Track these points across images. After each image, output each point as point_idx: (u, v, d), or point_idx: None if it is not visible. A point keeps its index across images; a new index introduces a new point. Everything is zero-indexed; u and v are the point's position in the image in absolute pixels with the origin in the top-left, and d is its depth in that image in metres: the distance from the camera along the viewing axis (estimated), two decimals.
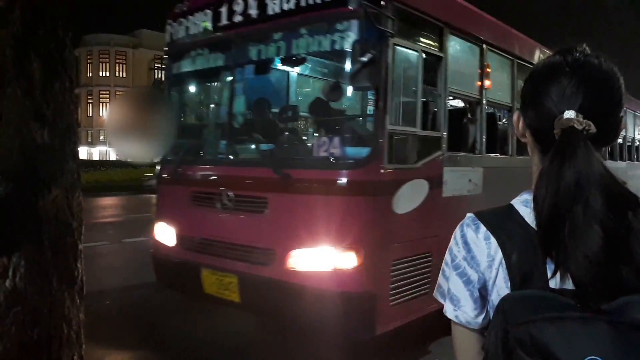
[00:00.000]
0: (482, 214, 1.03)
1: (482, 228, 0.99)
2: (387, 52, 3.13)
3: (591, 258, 0.82)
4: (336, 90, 3.91)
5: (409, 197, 3.52)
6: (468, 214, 1.04)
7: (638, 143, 9.36)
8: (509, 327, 0.85)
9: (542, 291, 0.87)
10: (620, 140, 7.88)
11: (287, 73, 5.27)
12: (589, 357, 0.78)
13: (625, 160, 8.51)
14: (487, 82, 4.70)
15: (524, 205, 0.98)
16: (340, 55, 3.58)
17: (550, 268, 0.89)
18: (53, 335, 0.84)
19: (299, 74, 5.33)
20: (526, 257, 0.92)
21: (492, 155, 4.82)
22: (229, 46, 3.89)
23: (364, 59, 2.99)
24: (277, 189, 3.43)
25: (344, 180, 3.32)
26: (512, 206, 1.00)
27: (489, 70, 4.71)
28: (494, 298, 0.96)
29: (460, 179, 4.12)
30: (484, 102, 4.64)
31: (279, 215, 3.41)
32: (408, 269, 3.53)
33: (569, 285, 0.86)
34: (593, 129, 0.90)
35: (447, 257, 1.05)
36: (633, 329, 0.79)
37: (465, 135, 4.67)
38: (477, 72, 4.65)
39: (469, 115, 4.75)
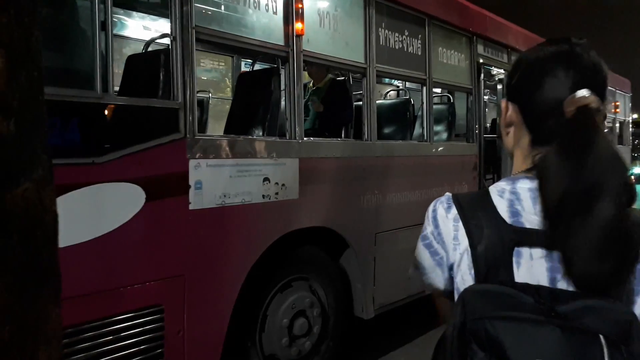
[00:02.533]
0: (459, 196, 1.03)
1: (454, 210, 0.99)
2: None
3: (600, 255, 0.82)
4: None
5: (86, 215, 2.04)
6: (447, 193, 1.05)
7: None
8: (467, 320, 0.85)
9: (503, 287, 0.87)
10: None
11: None
12: None
13: None
14: (298, 26, 3.00)
15: (498, 195, 0.97)
16: None
17: (517, 262, 0.91)
18: (26, 333, 0.82)
19: None
20: (493, 250, 0.92)
21: (321, 139, 3.39)
22: None
23: None
24: None
25: None
26: (487, 193, 0.99)
27: (300, 5, 3.02)
28: (459, 281, 0.97)
29: (239, 179, 2.63)
30: (295, 53, 2.98)
31: None
32: (96, 341, 2.05)
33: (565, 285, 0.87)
34: (604, 110, 0.90)
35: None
36: (581, 334, 0.80)
37: (257, 107, 3.16)
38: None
39: (274, 79, 3.16)
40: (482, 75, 5.15)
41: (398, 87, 6.19)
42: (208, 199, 2.47)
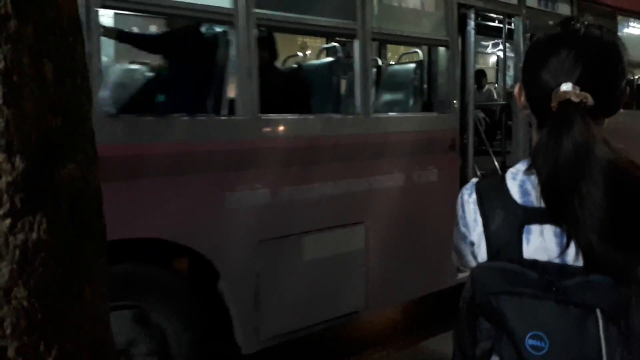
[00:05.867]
0: (480, 181, 1.09)
1: (474, 195, 1.06)
2: None
3: (600, 232, 0.85)
4: None
5: None
6: (473, 179, 1.12)
7: None
8: (476, 295, 0.94)
9: (510, 264, 0.93)
10: None
11: None
12: (532, 332, 0.85)
13: None
14: None
15: (512, 178, 1.02)
16: None
17: (527, 239, 0.95)
18: (73, 275, 1.11)
19: None
20: (503, 229, 0.98)
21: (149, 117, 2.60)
22: None
23: None
24: None
25: None
26: (504, 176, 1.05)
27: None
28: (479, 260, 1.03)
29: None
30: None
31: None
32: None
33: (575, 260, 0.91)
34: (590, 101, 0.91)
35: None
36: (577, 308, 0.85)
37: None
38: None
39: None
40: (470, 22, 4.10)
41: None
42: None
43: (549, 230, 0.95)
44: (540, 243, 0.95)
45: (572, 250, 0.91)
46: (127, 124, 2.52)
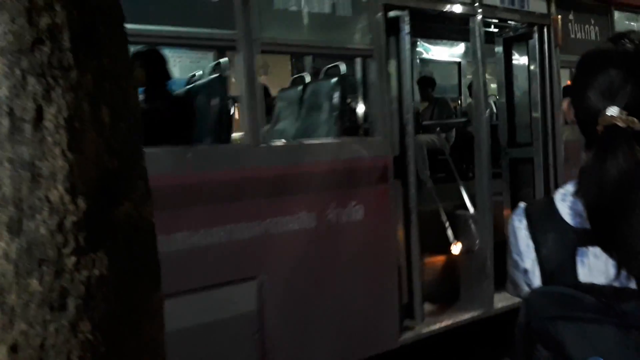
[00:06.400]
0: (529, 204, 1.06)
1: (524, 220, 1.03)
2: None
3: None
4: None
5: None
6: (521, 203, 1.08)
7: None
8: (531, 321, 0.92)
9: (565, 288, 0.91)
10: None
11: None
12: (592, 357, 0.83)
13: None
14: None
15: (561, 200, 1.00)
16: None
17: (581, 262, 0.93)
18: (131, 310, 1.15)
19: None
20: (556, 252, 0.96)
21: None
22: None
23: None
24: None
25: None
26: (552, 199, 1.02)
27: None
28: (533, 286, 1.01)
29: None
30: None
31: None
32: None
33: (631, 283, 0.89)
34: (638, 125, 0.88)
35: None
36: (638, 331, 0.83)
37: None
38: None
39: None
40: (404, 27, 3.41)
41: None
42: None
43: (601, 252, 0.93)
44: (596, 265, 0.93)
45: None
46: None
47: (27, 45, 1.06)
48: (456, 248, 4.27)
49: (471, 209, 4.23)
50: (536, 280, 1.00)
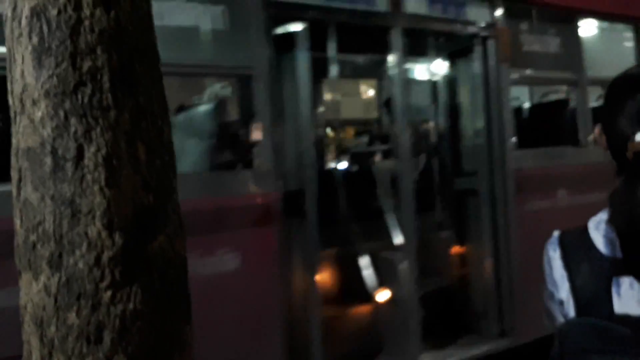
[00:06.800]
0: (563, 233, 1.05)
1: (559, 250, 1.02)
2: None
3: None
4: None
5: None
6: (555, 232, 1.07)
7: None
8: (564, 353, 0.91)
9: (599, 320, 0.90)
10: None
11: None
12: None
13: None
14: None
15: (595, 228, 0.99)
16: None
17: (617, 292, 0.91)
18: (164, 341, 1.18)
19: None
20: (590, 283, 0.95)
21: None
22: None
23: None
24: None
25: None
26: (586, 227, 1.01)
27: None
28: (567, 317, 1.00)
29: None
30: None
31: None
32: None
33: None
34: None
35: None
36: None
37: None
38: None
39: None
40: (301, 42, 2.88)
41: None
42: None
43: (636, 281, 0.91)
44: (631, 295, 0.91)
45: None
46: None
47: (70, 88, 1.12)
48: (381, 296, 3.52)
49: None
50: (572, 312, 0.98)
